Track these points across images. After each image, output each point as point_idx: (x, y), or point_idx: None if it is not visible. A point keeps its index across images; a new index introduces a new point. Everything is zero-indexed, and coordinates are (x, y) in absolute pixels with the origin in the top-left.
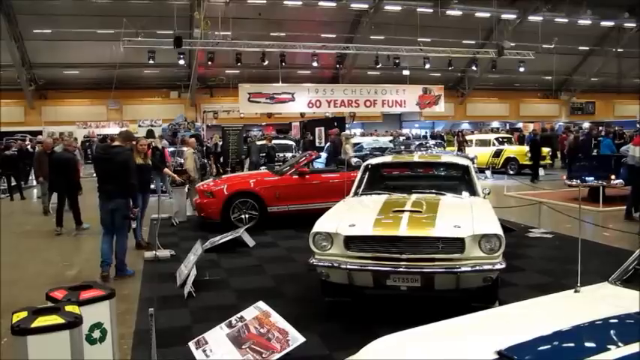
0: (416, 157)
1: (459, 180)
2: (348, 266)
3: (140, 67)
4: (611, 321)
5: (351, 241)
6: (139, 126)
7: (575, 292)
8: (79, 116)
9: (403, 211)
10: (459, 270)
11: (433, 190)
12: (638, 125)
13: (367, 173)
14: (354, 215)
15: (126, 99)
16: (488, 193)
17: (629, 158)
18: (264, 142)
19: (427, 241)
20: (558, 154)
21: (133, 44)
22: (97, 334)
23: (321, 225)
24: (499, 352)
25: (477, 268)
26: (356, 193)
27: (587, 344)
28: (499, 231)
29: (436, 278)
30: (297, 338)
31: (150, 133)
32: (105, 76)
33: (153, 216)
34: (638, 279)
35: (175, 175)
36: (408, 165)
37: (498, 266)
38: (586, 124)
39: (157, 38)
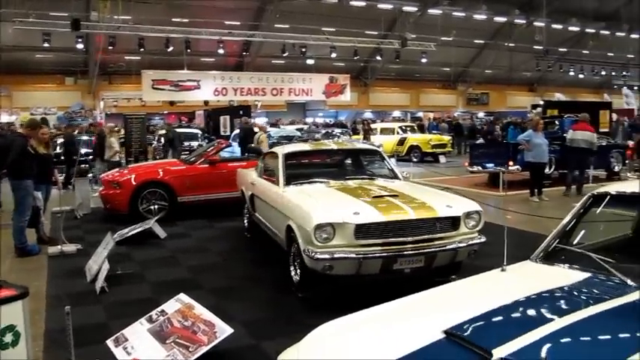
0: (333, 145)
1: (376, 165)
2: (362, 255)
3: (31, 50)
4: (548, 295)
5: (361, 230)
6: (32, 114)
7: (502, 270)
8: None
9: (383, 196)
10: (456, 246)
11: (364, 176)
12: (528, 115)
13: (288, 162)
14: (338, 204)
15: (16, 85)
16: (407, 177)
17: (574, 141)
18: (162, 131)
19: (428, 223)
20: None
21: (23, 25)
22: (9, 337)
23: (321, 217)
24: (446, 332)
25: (469, 242)
26: (288, 183)
27: (530, 316)
28: (480, 208)
29: (438, 257)
30: (224, 329)
31: (44, 122)
32: None
33: (54, 209)
34: (554, 256)
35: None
36: (326, 152)
37: (482, 239)
38: (481, 114)
39: (50, 20)
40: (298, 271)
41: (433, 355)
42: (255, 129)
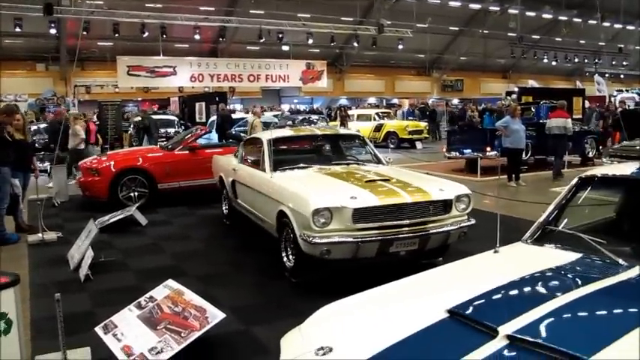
0: (317, 131)
1: (360, 150)
2: (360, 239)
3: (1, 35)
4: (544, 274)
5: (358, 214)
6: (1, 101)
7: (495, 252)
8: None
9: (375, 180)
10: (449, 229)
11: (349, 161)
12: (497, 103)
13: (273, 147)
14: (334, 189)
15: None
16: (389, 162)
17: (551, 129)
18: (137, 118)
19: (423, 206)
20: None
21: None
22: (1, 325)
23: (319, 202)
24: (450, 311)
25: (460, 225)
26: (275, 169)
27: (531, 295)
28: (469, 191)
29: (431, 239)
30: (216, 315)
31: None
32: None
33: (31, 197)
34: (545, 237)
35: None
36: (311, 138)
37: (472, 222)
38: (455, 101)
39: (21, 4)
40: (291, 256)
41: (439, 333)
42: (249, 115)
